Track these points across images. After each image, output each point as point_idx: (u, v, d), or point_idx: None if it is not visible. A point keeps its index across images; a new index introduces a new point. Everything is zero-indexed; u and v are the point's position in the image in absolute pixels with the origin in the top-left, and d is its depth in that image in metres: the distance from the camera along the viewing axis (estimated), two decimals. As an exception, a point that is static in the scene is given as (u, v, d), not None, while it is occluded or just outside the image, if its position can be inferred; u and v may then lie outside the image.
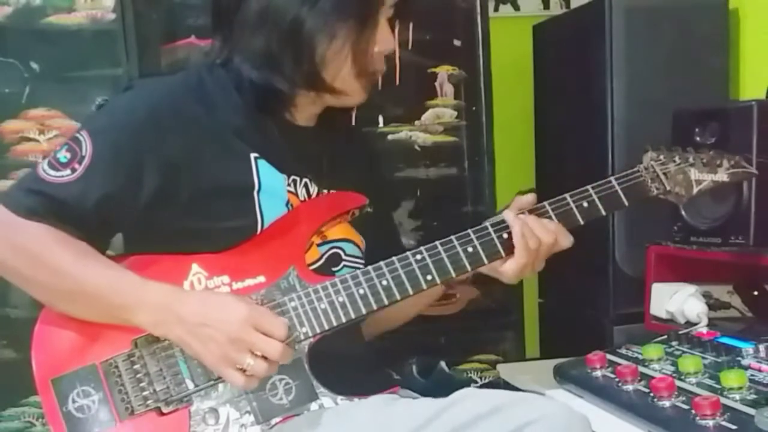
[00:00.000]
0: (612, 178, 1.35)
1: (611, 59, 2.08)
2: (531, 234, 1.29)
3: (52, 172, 1.26)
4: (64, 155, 1.27)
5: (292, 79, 1.30)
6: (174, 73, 1.42)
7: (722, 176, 1.38)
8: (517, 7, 2.81)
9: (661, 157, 1.37)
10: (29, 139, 2.13)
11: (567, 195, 1.34)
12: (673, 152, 1.37)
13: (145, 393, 1.24)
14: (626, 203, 1.34)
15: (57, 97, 2.13)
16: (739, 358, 1.35)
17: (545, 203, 1.33)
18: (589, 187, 1.34)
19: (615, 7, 2.07)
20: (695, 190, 1.37)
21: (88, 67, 2.13)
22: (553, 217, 1.32)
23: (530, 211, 1.32)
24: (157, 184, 1.27)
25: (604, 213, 1.34)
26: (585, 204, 1.33)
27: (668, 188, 1.36)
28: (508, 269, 1.31)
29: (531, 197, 1.35)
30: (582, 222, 1.33)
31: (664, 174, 1.36)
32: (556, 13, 2.73)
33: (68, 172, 1.25)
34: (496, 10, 2.77)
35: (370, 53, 1.32)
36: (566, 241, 1.32)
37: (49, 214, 1.24)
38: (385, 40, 1.34)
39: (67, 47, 2.13)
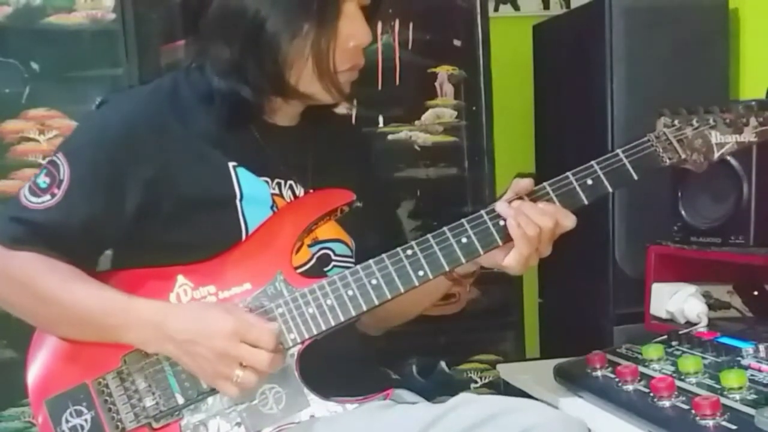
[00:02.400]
0: (619, 151, 1.26)
1: (611, 59, 2.08)
2: (528, 222, 1.21)
3: (33, 199, 1.25)
4: (43, 180, 1.26)
5: (256, 86, 1.27)
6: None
7: (749, 136, 1.26)
8: (517, 7, 2.81)
9: (676, 122, 1.26)
10: (29, 139, 2.13)
11: (569, 173, 1.26)
12: (692, 114, 1.27)
13: (135, 410, 1.23)
14: (635, 177, 1.25)
15: (57, 97, 2.13)
16: (739, 358, 1.35)
17: (545, 184, 1.26)
18: (593, 162, 1.26)
19: (615, 7, 2.07)
20: (716, 154, 1.26)
21: (88, 67, 2.13)
22: (554, 198, 1.25)
23: (528, 195, 1.25)
24: (139, 200, 1.25)
25: (611, 189, 1.25)
26: (589, 181, 1.25)
27: (683, 157, 1.26)
28: (511, 262, 1.23)
29: (528, 182, 1.27)
30: (587, 202, 1.25)
31: (679, 141, 1.26)
32: (556, 13, 2.73)
33: (48, 197, 1.24)
34: (496, 10, 2.77)
35: (332, 53, 1.26)
36: (568, 221, 1.23)
37: (33, 242, 1.23)
38: (358, 34, 1.28)
39: (67, 47, 2.13)
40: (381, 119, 2.24)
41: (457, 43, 2.28)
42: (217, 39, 1.27)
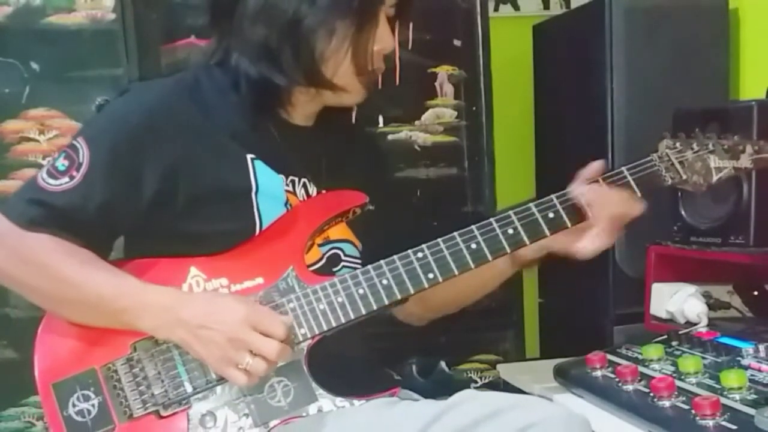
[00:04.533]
0: (624, 168, 1.31)
1: (611, 59, 2.08)
2: (602, 206, 1.27)
3: (51, 181, 1.25)
4: (62, 163, 1.26)
5: (290, 74, 1.29)
6: (171, 75, 1.41)
7: (745, 163, 1.31)
8: (517, 7, 2.81)
9: (678, 144, 1.31)
10: (29, 139, 2.13)
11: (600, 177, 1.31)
12: (692, 139, 1.32)
13: (143, 396, 1.24)
14: (638, 194, 1.30)
15: (57, 97, 2.13)
16: (739, 358, 1.35)
17: (563, 192, 1.31)
18: (599, 178, 1.31)
19: (615, 7, 2.07)
20: (715, 178, 1.31)
21: (88, 67, 2.13)
22: (562, 211, 1.30)
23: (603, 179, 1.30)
24: (156, 188, 1.26)
25: None
26: None
27: (684, 177, 1.31)
28: (587, 245, 1.30)
29: (599, 164, 1.32)
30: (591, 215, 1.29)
31: (680, 163, 1.31)
32: (556, 13, 2.73)
33: (67, 179, 1.25)
34: (496, 10, 2.77)
35: (370, 51, 1.30)
36: (636, 209, 1.29)
37: (50, 224, 1.24)
38: (384, 39, 1.32)
39: (67, 47, 2.13)
40: (381, 119, 2.24)
41: (457, 43, 2.28)
42: (253, 27, 1.28)
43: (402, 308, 1.45)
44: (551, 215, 1.29)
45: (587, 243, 1.30)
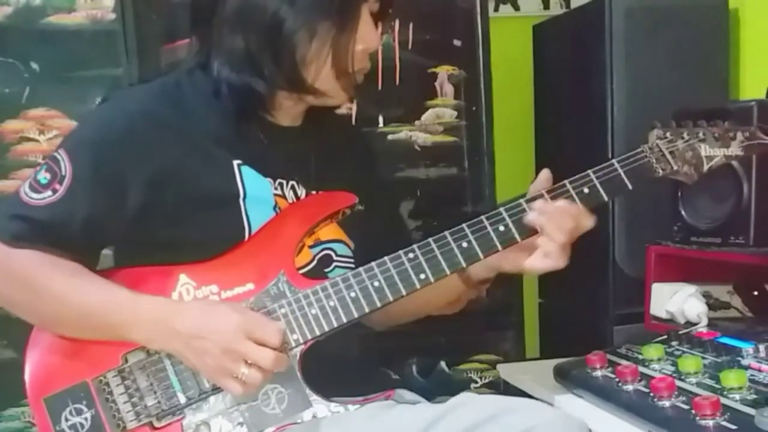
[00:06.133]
0: (614, 161, 1.29)
1: (611, 59, 2.08)
2: (551, 225, 1.24)
3: (34, 195, 1.23)
4: (44, 176, 1.24)
5: (271, 80, 1.27)
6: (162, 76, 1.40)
7: (736, 150, 1.30)
8: (517, 7, 2.81)
9: (668, 134, 1.30)
10: (29, 139, 2.13)
11: (566, 181, 1.29)
12: (683, 128, 1.30)
13: (136, 408, 1.23)
14: (630, 186, 1.28)
15: (57, 97, 2.13)
16: (739, 358, 1.35)
17: (543, 191, 1.29)
18: (590, 171, 1.28)
19: (615, 7, 2.07)
20: (706, 167, 1.30)
21: (88, 67, 2.14)
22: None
23: (548, 192, 1.28)
24: (141, 197, 1.24)
25: (606, 198, 1.28)
26: (585, 190, 1.27)
27: (675, 168, 1.30)
28: (535, 264, 1.26)
29: (545, 174, 1.30)
30: None
31: (671, 153, 1.29)
32: (556, 13, 2.73)
33: (49, 193, 1.23)
34: (496, 10, 2.77)
35: (351, 52, 1.27)
36: (588, 222, 1.26)
37: (34, 239, 1.22)
38: (368, 38, 1.29)
39: (67, 47, 2.13)
40: (381, 119, 2.25)
41: (457, 43, 2.28)
42: (233, 33, 1.26)
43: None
44: (502, 228, 1.26)
45: (536, 261, 1.26)
